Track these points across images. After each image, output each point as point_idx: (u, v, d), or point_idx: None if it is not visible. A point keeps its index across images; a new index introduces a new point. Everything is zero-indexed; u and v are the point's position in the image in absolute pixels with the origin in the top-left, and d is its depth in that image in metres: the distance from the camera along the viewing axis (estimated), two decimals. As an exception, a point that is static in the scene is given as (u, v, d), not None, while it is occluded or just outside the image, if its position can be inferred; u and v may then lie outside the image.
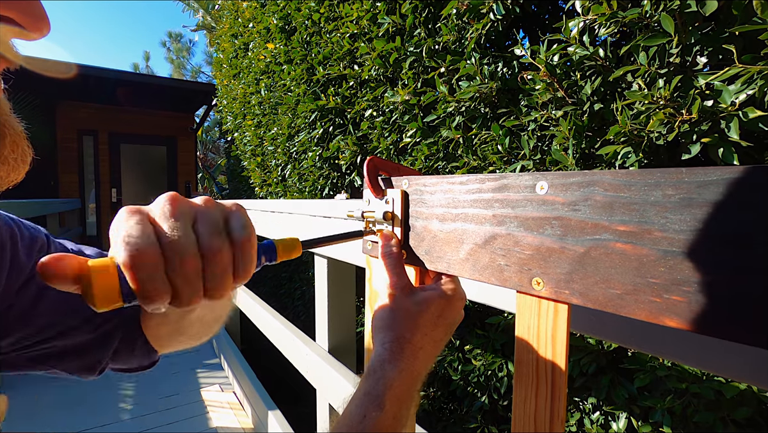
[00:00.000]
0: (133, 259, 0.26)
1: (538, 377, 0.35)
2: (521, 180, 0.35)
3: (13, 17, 0.30)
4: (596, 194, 0.30)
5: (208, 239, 0.29)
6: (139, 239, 0.26)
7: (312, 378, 1.37)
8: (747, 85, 0.66)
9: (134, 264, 0.26)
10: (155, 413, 2.44)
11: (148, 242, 0.27)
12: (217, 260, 0.29)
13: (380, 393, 0.36)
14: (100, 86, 6.19)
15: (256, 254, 0.32)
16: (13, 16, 0.30)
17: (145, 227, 0.27)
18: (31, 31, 0.31)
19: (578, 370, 1.11)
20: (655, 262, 0.27)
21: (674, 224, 0.26)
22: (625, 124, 0.79)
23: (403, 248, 0.48)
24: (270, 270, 3.70)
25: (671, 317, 0.26)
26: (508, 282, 0.36)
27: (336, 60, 1.80)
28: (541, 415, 0.35)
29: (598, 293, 0.30)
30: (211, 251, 0.29)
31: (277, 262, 0.37)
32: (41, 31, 0.32)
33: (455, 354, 1.56)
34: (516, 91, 1.11)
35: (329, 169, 2.06)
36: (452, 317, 0.43)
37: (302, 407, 2.58)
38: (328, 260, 1.32)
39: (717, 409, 0.90)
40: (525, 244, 0.35)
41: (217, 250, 0.29)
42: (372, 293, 0.53)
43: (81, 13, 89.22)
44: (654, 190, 0.27)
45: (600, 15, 0.81)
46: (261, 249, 0.35)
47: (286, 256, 0.37)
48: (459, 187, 0.41)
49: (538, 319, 0.35)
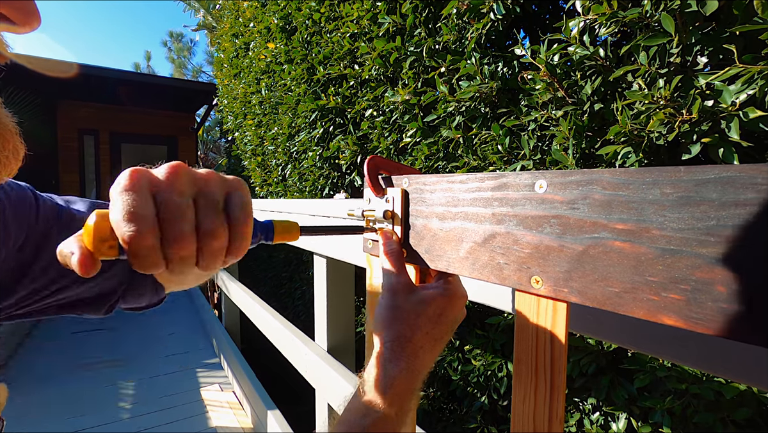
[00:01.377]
0: (132, 240, 0.27)
1: (536, 375, 0.35)
2: (520, 179, 0.35)
3: (3, 11, 0.30)
4: (595, 193, 0.30)
5: (207, 220, 0.29)
6: (139, 221, 0.27)
7: (311, 378, 1.37)
8: (747, 85, 0.66)
9: (132, 243, 0.27)
10: (155, 412, 2.44)
11: (147, 226, 0.27)
12: (212, 240, 0.29)
13: (381, 391, 0.36)
14: (101, 86, 6.20)
15: (251, 233, 0.32)
16: (3, 10, 0.30)
17: (145, 206, 0.27)
18: (21, 25, 0.31)
19: (578, 370, 1.11)
20: (653, 260, 0.27)
21: (672, 223, 0.26)
22: (626, 124, 0.78)
23: (403, 247, 0.48)
24: (271, 270, 3.70)
25: (669, 315, 0.26)
26: (507, 280, 0.36)
27: (336, 60, 1.80)
28: (540, 414, 0.35)
29: (597, 291, 0.30)
30: (208, 232, 0.29)
31: (274, 242, 0.37)
32: (31, 25, 0.31)
33: (455, 354, 1.56)
34: (516, 91, 1.11)
35: (329, 169, 2.06)
36: (453, 315, 0.43)
37: (302, 406, 2.58)
38: (328, 259, 1.32)
39: (717, 410, 0.90)
40: (524, 242, 0.35)
41: (214, 231, 0.29)
42: (373, 292, 0.53)
43: (82, 13, 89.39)
44: (652, 189, 0.27)
45: (600, 15, 0.81)
46: (259, 227, 0.36)
47: (283, 238, 0.37)
48: (459, 186, 0.41)
49: (537, 317, 0.35)
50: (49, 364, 3.11)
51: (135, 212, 0.27)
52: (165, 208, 0.28)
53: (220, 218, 0.30)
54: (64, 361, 3.16)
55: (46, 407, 2.49)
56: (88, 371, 2.98)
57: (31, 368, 3.05)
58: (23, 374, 2.94)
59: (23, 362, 3.17)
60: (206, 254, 0.29)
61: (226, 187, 0.31)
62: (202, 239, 0.29)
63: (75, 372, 2.96)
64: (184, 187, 0.29)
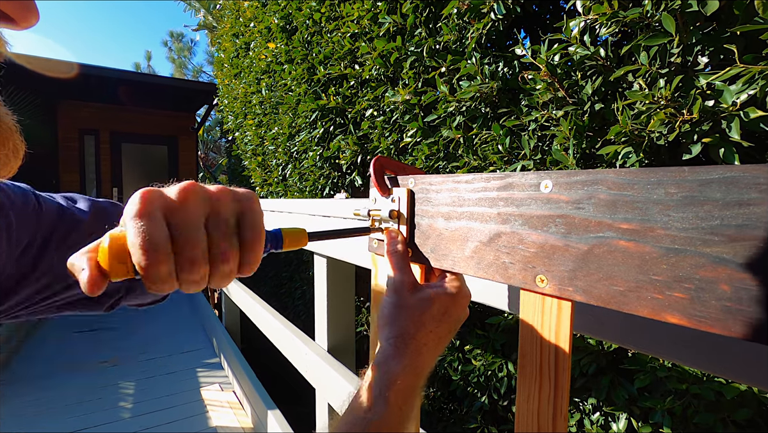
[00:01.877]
0: (149, 267, 0.27)
1: (541, 374, 0.35)
2: (526, 179, 0.35)
3: (1, 8, 0.29)
4: (600, 193, 0.30)
5: (219, 242, 0.29)
6: (156, 250, 0.27)
7: (311, 378, 1.37)
8: (748, 85, 0.66)
9: (148, 269, 0.27)
10: (155, 412, 2.44)
11: (163, 255, 0.27)
12: (223, 265, 0.30)
13: (384, 388, 0.37)
14: (101, 86, 6.20)
15: (262, 251, 0.32)
16: (1, 6, 0.29)
17: (160, 234, 0.27)
18: (19, 21, 0.30)
19: (578, 370, 1.11)
20: (658, 259, 0.27)
21: (676, 222, 0.26)
22: (626, 124, 0.79)
23: (408, 246, 0.49)
24: (271, 270, 3.70)
25: (673, 314, 0.26)
26: (513, 279, 0.36)
27: (337, 60, 1.81)
28: (545, 412, 0.35)
29: (601, 290, 0.30)
30: (219, 257, 0.29)
31: (283, 250, 0.37)
32: (29, 22, 0.31)
33: (455, 354, 1.56)
34: (517, 91, 1.11)
35: (330, 169, 2.06)
36: (457, 314, 0.43)
37: (302, 406, 2.58)
38: (328, 259, 1.32)
39: (717, 410, 0.90)
40: (529, 242, 0.35)
41: (225, 255, 0.30)
42: (378, 291, 0.53)
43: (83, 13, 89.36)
44: (657, 189, 0.27)
45: (601, 15, 0.82)
46: (269, 237, 0.35)
47: (292, 246, 0.37)
48: (464, 186, 0.41)
49: (541, 316, 0.35)
50: (49, 363, 3.11)
51: (151, 241, 0.27)
52: (179, 234, 0.28)
53: (232, 240, 0.30)
54: (64, 360, 3.16)
55: (46, 406, 2.49)
56: (89, 370, 2.98)
57: (32, 368, 3.05)
58: (23, 374, 2.94)
59: (23, 361, 3.16)
60: (216, 276, 0.30)
61: (239, 207, 0.31)
62: (214, 263, 0.29)
63: (75, 372, 2.96)
64: (198, 208, 0.29)
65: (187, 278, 0.28)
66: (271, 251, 0.36)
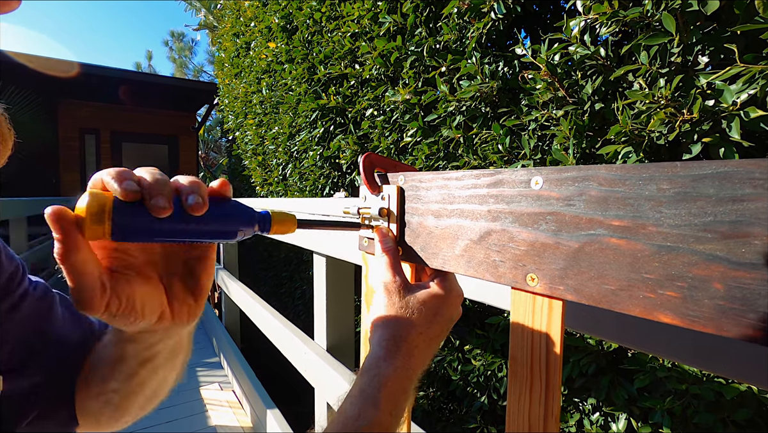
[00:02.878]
0: (118, 173, 0.31)
1: (532, 374, 0.35)
2: (516, 175, 0.35)
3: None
4: (591, 189, 0.30)
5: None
6: (126, 172, 0.31)
7: (310, 377, 1.37)
8: (748, 84, 0.66)
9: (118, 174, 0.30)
10: (154, 411, 2.44)
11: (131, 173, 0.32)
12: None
13: (375, 391, 0.36)
14: (102, 85, 6.22)
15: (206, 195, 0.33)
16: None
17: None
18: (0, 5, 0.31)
19: (578, 370, 1.11)
20: (650, 257, 0.27)
21: (669, 219, 0.26)
22: (626, 123, 0.78)
23: (398, 245, 0.48)
24: (271, 269, 3.70)
25: (665, 313, 0.26)
26: (503, 278, 0.36)
27: (337, 59, 1.80)
28: (536, 413, 0.35)
29: (593, 288, 0.30)
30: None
31: (271, 234, 0.37)
32: (10, 5, 0.31)
33: (455, 354, 1.56)
34: (517, 91, 1.11)
35: (330, 169, 2.06)
36: (449, 314, 0.43)
37: (301, 406, 2.58)
38: (327, 258, 1.31)
39: (717, 410, 0.89)
40: (520, 239, 0.34)
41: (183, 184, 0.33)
42: (368, 291, 0.53)
43: (84, 13, 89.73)
44: (648, 185, 0.27)
45: (601, 14, 0.81)
46: (256, 217, 0.36)
47: (280, 229, 0.37)
48: (454, 183, 0.41)
49: (532, 315, 0.35)
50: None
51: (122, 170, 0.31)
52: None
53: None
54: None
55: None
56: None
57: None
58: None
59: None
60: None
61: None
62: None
63: (75, 371, 2.96)
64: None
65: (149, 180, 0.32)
66: (258, 233, 0.36)
